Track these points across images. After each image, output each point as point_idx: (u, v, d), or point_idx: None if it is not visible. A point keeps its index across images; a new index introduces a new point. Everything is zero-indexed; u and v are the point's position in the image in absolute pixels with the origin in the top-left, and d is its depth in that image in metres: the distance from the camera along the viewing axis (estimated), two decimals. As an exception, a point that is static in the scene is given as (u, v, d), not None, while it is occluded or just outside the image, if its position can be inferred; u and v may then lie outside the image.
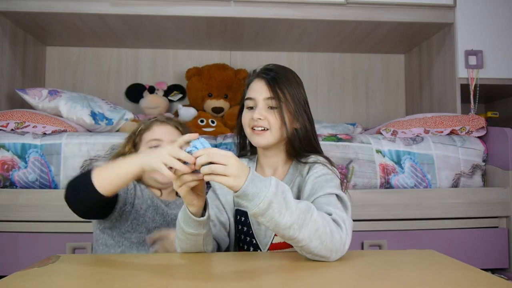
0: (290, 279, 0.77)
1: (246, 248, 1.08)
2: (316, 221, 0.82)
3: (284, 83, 1.04)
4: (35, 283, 0.72)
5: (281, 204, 0.79)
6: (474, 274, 0.78)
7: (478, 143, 1.77)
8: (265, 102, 1.04)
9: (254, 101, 1.05)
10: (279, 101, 1.02)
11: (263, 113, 1.03)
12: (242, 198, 0.80)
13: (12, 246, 1.50)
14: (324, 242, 0.82)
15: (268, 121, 1.03)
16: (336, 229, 0.85)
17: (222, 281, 0.77)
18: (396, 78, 2.61)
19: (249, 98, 1.07)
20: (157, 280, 0.75)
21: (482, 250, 1.66)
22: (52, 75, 2.42)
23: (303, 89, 1.09)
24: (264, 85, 1.04)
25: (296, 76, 1.10)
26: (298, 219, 0.80)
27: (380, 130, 1.87)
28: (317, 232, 0.82)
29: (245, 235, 1.09)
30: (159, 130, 1.16)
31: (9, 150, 1.56)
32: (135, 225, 1.12)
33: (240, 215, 1.10)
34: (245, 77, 2.38)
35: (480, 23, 2.04)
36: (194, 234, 0.91)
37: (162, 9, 1.95)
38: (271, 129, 1.03)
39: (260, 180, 0.80)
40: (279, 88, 1.03)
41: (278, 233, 0.82)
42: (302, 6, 1.99)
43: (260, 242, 1.06)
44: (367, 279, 0.77)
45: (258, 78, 1.07)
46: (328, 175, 1.00)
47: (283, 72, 1.07)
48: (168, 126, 1.18)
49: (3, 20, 1.98)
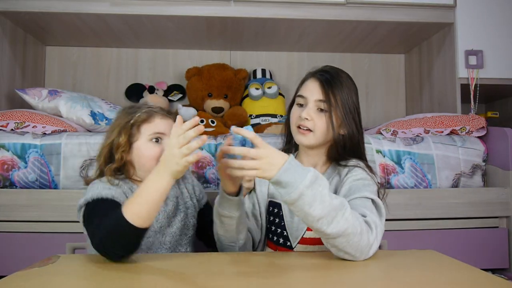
0: (289, 279, 0.77)
1: (276, 239, 1.10)
2: (347, 220, 0.83)
3: (338, 88, 1.04)
4: (35, 283, 0.72)
5: (314, 197, 0.81)
6: (474, 274, 0.78)
7: (478, 143, 1.77)
8: (315, 104, 1.05)
9: (305, 100, 1.06)
10: (330, 105, 1.03)
11: (312, 114, 1.04)
12: (277, 185, 0.83)
13: (12, 246, 1.49)
14: (351, 241, 0.84)
15: (314, 122, 1.04)
16: (366, 231, 0.86)
17: (221, 281, 0.77)
18: (396, 78, 2.61)
19: (301, 96, 1.08)
20: (157, 280, 0.75)
21: (482, 250, 1.66)
22: (52, 75, 2.42)
23: (356, 95, 1.08)
24: (318, 86, 1.05)
25: (351, 81, 1.10)
26: (329, 215, 0.82)
27: (380, 130, 1.87)
28: (346, 231, 0.83)
29: (277, 227, 1.10)
30: (162, 124, 1.10)
31: (9, 150, 1.56)
32: None
33: (273, 206, 1.13)
34: (245, 77, 2.39)
35: (480, 23, 2.04)
36: (227, 216, 0.96)
37: (162, 9, 1.95)
38: (315, 131, 1.04)
39: (296, 170, 0.82)
40: (332, 92, 1.03)
41: (307, 223, 0.85)
42: (302, 6, 1.99)
43: (291, 235, 1.07)
44: (367, 279, 0.77)
45: (313, 78, 1.08)
46: (367, 180, 1.01)
47: (338, 76, 1.07)
48: (170, 121, 1.12)
49: (3, 20, 1.98)
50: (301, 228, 1.06)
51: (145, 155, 1.09)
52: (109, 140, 1.10)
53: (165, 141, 1.09)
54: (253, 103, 2.32)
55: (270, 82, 2.36)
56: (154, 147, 1.08)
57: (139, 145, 1.09)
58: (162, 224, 1.11)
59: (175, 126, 0.86)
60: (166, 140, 1.08)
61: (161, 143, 1.09)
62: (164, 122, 1.11)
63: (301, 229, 1.06)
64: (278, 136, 1.67)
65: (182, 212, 1.16)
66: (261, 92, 2.31)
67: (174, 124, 0.87)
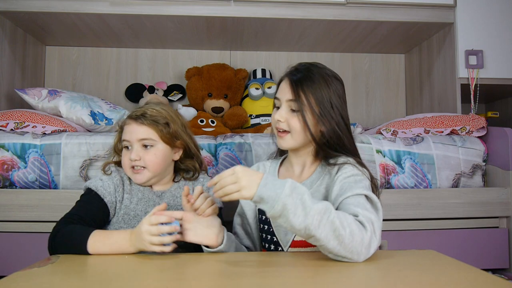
0: (290, 278, 0.77)
1: (268, 246, 1.09)
2: (333, 222, 0.82)
3: (309, 85, 1.01)
4: (35, 283, 0.72)
5: (296, 205, 0.82)
6: (474, 274, 0.77)
7: (478, 143, 1.77)
8: (287, 104, 1.03)
9: (279, 101, 1.06)
10: (301, 104, 1.00)
11: (284, 115, 1.03)
12: (260, 203, 0.84)
13: (12, 246, 1.49)
14: (343, 243, 0.82)
15: (288, 123, 1.03)
16: (358, 231, 0.83)
17: (221, 281, 0.77)
18: (396, 78, 2.61)
19: (276, 98, 1.08)
20: (157, 280, 0.75)
21: (482, 250, 1.65)
22: (52, 75, 2.42)
23: (335, 90, 1.03)
24: (288, 86, 1.03)
25: (328, 76, 1.05)
26: (314, 220, 0.82)
27: (380, 130, 1.87)
28: (334, 233, 0.82)
29: (267, 234, 1.10)
30: (127, 131, 1.14)
31: (9, 150, 1.56)
32: (127, 220, 1.12)
33: (262, 214, 1.11)
34: (245, 77, 2.39)
35: (480, 23, 2.04)
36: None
37: (162, 9, 1.95)
38: (292, 132, 1.03)
39: (274, 184, 0.84)
40: (302, 91, 1.01)
41: (295, 233, 0.85)
42: (302, 6, 1.99)
43: (281, 240, 1.06)
44: (368, 280, 0.77)
45: (286, 78, 1.06)
46: (358, 176, 0.99)
47: (309, 72, 1.04)
48: (133, 125, 1.13)
49: (3, 20, 1.98)
50: (290, 233, 1.05)
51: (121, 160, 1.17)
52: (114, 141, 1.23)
53: (132, 147, 1.13)
54: (253, 103, 2.32)
55: (270, 82, 2.36)
56: (123, 154, 1.15)
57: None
58: None
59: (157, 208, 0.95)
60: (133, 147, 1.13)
61: (130, 151, 1.13)
62: (129, 128, 1.14)
63: (290, 233, 1.04)
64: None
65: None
66: (261, 92, 2.31)
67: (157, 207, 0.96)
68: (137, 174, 1.13)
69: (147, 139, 1.12)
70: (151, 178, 1.14)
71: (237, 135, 1.69)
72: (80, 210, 1.07)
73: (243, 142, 1.64)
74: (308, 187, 1.04)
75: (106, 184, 1.12)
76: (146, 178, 1.13)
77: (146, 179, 1.13)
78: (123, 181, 1.15)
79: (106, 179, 1.14)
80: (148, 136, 1.12)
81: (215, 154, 1.62)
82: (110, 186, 1.12)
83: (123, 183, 1.15)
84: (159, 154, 1.13)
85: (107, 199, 1.11)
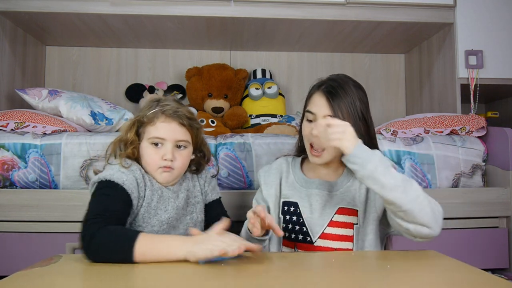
0: (290, 279, 0.77)
1: (295, 236, 1.12)
2: (417, 190, 0.93)
3: (345, 101, 1.06)
4: (37, 283, 0.72)
5: (385, 169, 0.92)
6: (474, 274, 0.78)
7: (478, 143, 1.77)
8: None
9: (314, 116, 1.08)
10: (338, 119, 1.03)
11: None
12: (352, 161, 0.94)
13: (12, 246, 1.50)
14: (424, 210, 0.92)
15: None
16: (434, 202, 0.96)
17: (220, 280, 0.77)
18: (396, 78, 2.61)
19: (309, 111, 1.10)
20: (158, 280, 0.75)
21: (482, 250, 1.66)
22: (52, 75, 2.42)
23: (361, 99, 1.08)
24: (324, 101, 1.06)
25: (356, 86, 1.10)
26: (402, 184, 0.92)
27: (380, 130, 1.87)
28: (418, 199, 0.92)
29: (294, 224, 1.12)
30: (163, 128, 1.08)
31: (9, 150, 1.56)
32: (146, 218, 1.06)
33: (289, 206, 1.15)
34: (245, 77, 2.39)
35: (480, 23, 2.04)
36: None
37: (162, 9, 1.95)
38: (328, 147, 1.06)
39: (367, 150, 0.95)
40: (338, 107, 1.05)
41: (383, 195, 0.92)
42: (302, 6, 1.99)
43: (312, 230, 1.10)
44: (368, 280, 0.77)
45: (319, 92, 1.09)
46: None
47: (342, 86, 1.07)
48: (173, 124, 1.09)
49: (3, 20, 1.98)
50: (321, 224, 1.09)
51: (144, 157, 1.09)
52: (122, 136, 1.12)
53: (166, 146, 1.07)
54: (253, 103, 2.32)
55: (270, 82, 2.36)
56: (152, 151, 1.08)
57: (142, 146, 1.10)
58: (171, 215, 1.10)
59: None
60: (168, 146, 1.08)
61: (161, 148, 1.07)
62: (166, 126, 1.08)
63: (321, 225, 1.09)
64: (278, 136, 1.68)
65: (192, 206, 1.17)
66: (261, 92, 2.31)
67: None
68: (166, 173, 1.08)
69: (184, 141, 1.09)
70: (176, 178, 1.12)
71: (237, 135, 1.70)
72: (109, 206, 0.95)
73: (243, 142, 1.64)
74: (339, 187, 1.12)
75: (130, 178, 1.03)
76: (173, 178, 1.10)
77: (173, 179, 1.10)
78: (143, 177, 1.08)
79: (127, 172, 1.04)
80: (186, 138, 1.10)
81: (215, 154, 1.62)
82: (134, 181, 1.04)
83: (144, 179, 1.07)
84: (188, 157, 1.12)
85: (134, 194, 1.02)
